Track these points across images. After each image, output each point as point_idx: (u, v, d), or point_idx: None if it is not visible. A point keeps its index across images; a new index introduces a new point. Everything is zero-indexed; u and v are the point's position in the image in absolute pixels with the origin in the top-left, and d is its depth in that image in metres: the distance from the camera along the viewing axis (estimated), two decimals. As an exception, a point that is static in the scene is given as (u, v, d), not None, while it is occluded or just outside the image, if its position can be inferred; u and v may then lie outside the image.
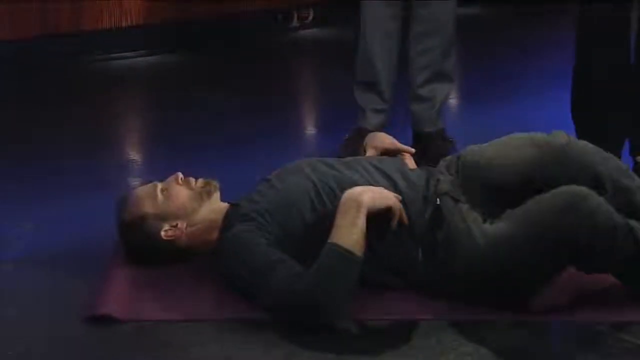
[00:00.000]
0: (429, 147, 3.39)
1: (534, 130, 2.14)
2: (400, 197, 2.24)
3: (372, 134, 2.68)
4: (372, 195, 2.16)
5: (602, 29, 3.12)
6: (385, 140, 2.58)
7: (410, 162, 2.54)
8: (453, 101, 4.19)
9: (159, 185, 2.45)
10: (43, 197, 3.12)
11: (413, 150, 2.59)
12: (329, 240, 2.12)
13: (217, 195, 2.45)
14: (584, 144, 2.28)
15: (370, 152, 2.55)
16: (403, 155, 2.56)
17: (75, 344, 2.17)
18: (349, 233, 2.11)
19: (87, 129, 3.99)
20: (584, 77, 3.21)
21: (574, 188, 2.13)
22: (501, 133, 3.58)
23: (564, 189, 2.13)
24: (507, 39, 5.88)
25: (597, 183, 2.18)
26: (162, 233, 2.39)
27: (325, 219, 2.22)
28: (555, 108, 3.81)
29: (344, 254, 2.10)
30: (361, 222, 2.12)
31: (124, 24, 5.23)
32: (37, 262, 2.58)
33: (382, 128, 3.50)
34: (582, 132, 3.28)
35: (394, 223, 2.19)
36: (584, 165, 2.20)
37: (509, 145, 2.28)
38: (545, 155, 2.20)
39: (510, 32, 6.12)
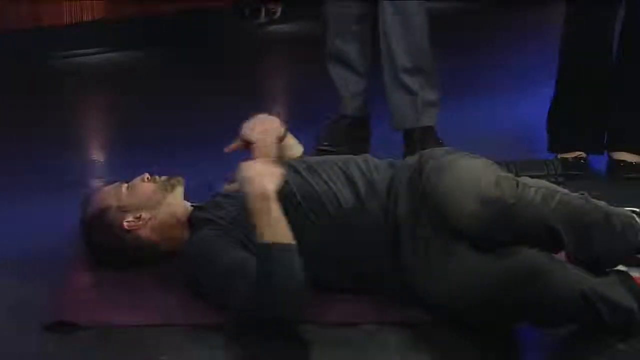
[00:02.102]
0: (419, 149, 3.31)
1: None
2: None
3: (254, 118, 2.56)
4: (268, 181, 2.14)
5: (588, 30, 3.12)
6: (256, 127, 2.50)
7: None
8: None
9: (125, 184, 2.46)
10: (3, 197, 3.06)
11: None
12: (257, 241, 2.11)
13: (180, 189, 2.46)
14: (534, 192, 2.14)
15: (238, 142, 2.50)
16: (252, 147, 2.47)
17: (36, 352, 2.13)
18: (272, 228, 2.11)
19: (48, 127, 3.95)
20: (568, 76, 3.21)
21: (529, 260, 2.09)
22: (480, 128, 3.59)
23: (518, 262, 2.09)
24: (488, 33, 5.89)
25: (551, 237, 2.13)
26: (125, 223, 2.39)
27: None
28: (535, 103, 3.82)
29: (275, 248, 2.09)
30: (277, 213, 2.12)
31: (85, 20, 5.17)
32: (-1, 265, 2.55)
33: (364, 112, 3.52)
34: (555, 137, 3.29)
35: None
36: (532, 223, 2.13)
37: (461, 183, 2.17)
38: (489, 217, 2.12)
39: (490, 26, 6.13)
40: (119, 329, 2.19)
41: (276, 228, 2.11)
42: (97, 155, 3.74)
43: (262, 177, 2.15)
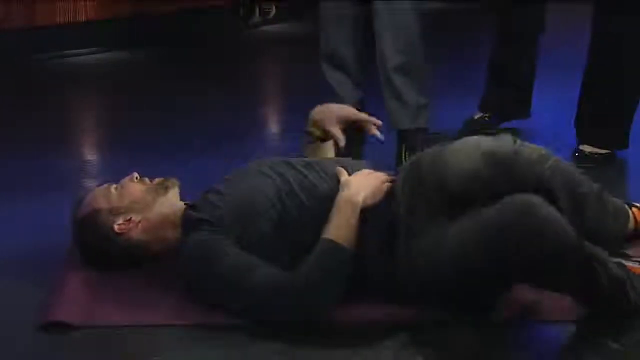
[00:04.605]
0: (413, 149, 3.31)
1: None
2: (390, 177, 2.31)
3: (319, 107, 2.62)
4: (366, 194, 2.24)
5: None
6: (343, 111, 2.57)
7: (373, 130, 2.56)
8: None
9: (114, 185, 2.45)
10: (2, 197, 3.06)
11: (379, 122, 2.57)
12: (323, 236, 2.16)
13: (175, 191, 2.45)
14: (530, 151, 2.23)
15: (332, 129, 2.54)
16: (368, 126, 2.55)
17: (27, 352, 2.11)
18: (344, 230, 2.18)
19: (40, 127, 3.95)
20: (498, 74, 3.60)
21: (521, 198, 2.07)
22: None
23: (510, 200, 2.08)
24: (487, 33, 5.90)
25: (547, 198, 2.11)
26: (115, 227, 2.38)
27: (286, 219, 2.26)
28: (533, 103, 3.81)
29: (340, 249, 2.15)
30: (355, 221, 2.21)
31: (78, 20, 5.17)
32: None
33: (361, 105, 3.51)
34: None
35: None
36: (529, 179, 2.17)
37: (461, 148, 2.25)
38: (489, 167, 2.18)
39: (490, 26, 6.14)
40: (112, 330, 2.18)
41: (343, 231, 2.17)
42: (95, 156, 3.72)
43: (362, 187, 2.24)
